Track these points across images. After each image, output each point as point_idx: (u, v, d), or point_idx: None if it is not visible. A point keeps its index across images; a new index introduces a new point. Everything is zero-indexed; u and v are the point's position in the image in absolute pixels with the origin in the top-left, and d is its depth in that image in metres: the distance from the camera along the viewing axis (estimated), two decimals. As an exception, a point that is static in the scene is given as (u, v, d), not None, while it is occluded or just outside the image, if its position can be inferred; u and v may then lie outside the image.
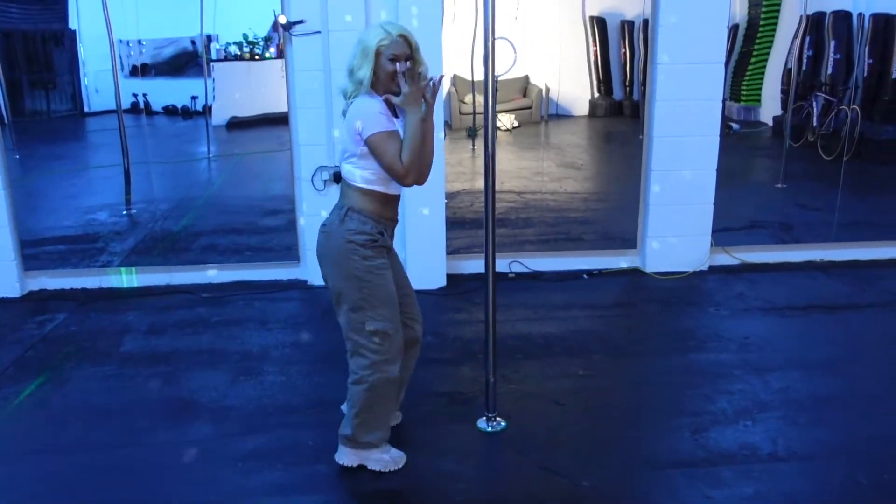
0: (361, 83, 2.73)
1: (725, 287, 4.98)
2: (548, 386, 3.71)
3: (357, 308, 2.82)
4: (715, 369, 3.86)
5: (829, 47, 9.19)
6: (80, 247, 5.94)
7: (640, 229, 5.32)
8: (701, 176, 5.09)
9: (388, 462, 3.03)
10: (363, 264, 2.79)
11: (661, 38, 4.89)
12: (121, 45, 8.76)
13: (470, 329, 4.35)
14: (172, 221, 6.61)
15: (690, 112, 4.98)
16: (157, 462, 3.15)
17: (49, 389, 3.78)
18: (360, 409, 2.93)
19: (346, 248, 2.77)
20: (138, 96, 8.70)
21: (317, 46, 4.70)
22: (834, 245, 5.53)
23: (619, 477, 3.02)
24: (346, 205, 2.81)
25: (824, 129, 8.77)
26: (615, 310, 4.80)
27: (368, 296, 2.81)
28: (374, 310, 2.82)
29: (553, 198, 7.34)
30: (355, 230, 2.78)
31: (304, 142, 4.83)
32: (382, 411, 2.99)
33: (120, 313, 4.70)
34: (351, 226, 2.78)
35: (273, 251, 5.73)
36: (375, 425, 2.98)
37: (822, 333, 4.35)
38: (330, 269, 2.86)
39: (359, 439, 2.98)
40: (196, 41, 9.20)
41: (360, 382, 2.89)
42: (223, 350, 4.17)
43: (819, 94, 9.17)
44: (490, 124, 3.09)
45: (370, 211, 2.81)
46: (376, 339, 2.84)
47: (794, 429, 3.31)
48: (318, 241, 2.88)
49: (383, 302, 2.84)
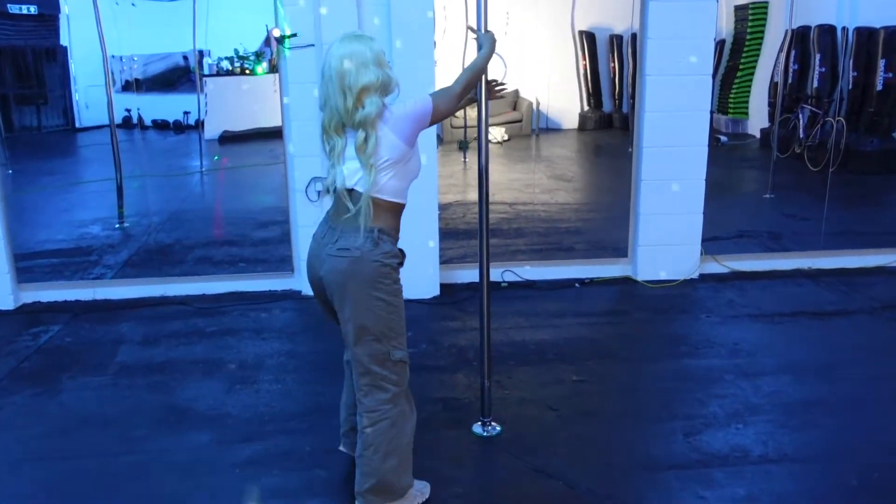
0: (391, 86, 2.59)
1: (716, 294, 5.05)
2: (542, 391, 3.75)
3: (383, 337, 2.62)
4: (706, 374, 3.90)
5: (815, 60, 9.34)
6: (73, 260, 5.95)
7: (630, 239, 5.38)
8: (690, 186, 5.16)
9: (422, 495, 2.88)
10: (393, 288, 2.62)
11: (649, 51, 4.98)
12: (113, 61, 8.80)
13: (464, 337, 4.39)
14: (165, 234, 6.63)
15: (679, 123, 5.06)
16: (155, 470, 3.16)
17: (44, 400, 3.79)
18: (390, 448, 2.69)
19: (380, 273, 2.58)
20: (131, 111, 8.74)
21: (311, 59, 4.76)
22: (821, 253, 5.60)
23: (613, 479, 3.05)
24: (376, 226, 2.58)
25: (810, 141, 8.90)
26: (607, 317, 4.85)
27: (396, 323, 2.64)
28: (397, 338, 2.66)
29: (544, 209, 7.41)
30: (389, 253, 2.60)
31: (298, 153, 4.88)
32: (408, 446, 2.77)
33: (114, 325, 4.72)
34: (385, 248, 2.59)
35: (267, 262, 5.76)
36: (407, 463, 2.78)
37: (811, 339, 4.41)
38: (353, 297, 2.58)
39: (397, 484, 2.74)
40: (188, 56, 9.26)
41: (381, 420, 2.67)
42: (218, 359, 4.18)
43: (805, 106, 9.31)
44: (483, 135, 3.15)
45: (392, 229, 2.66)
46: (398, 368, 2.68)
47: (785, 431, 3.35)
48: (339, 267, 2.58)
49: (402, 331, 2.69)
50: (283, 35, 4.75)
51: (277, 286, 5.25)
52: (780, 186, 7.69)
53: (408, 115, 2.58)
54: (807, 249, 5.72)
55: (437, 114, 2.65)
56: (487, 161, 3.18)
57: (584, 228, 6.87)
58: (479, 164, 3.18)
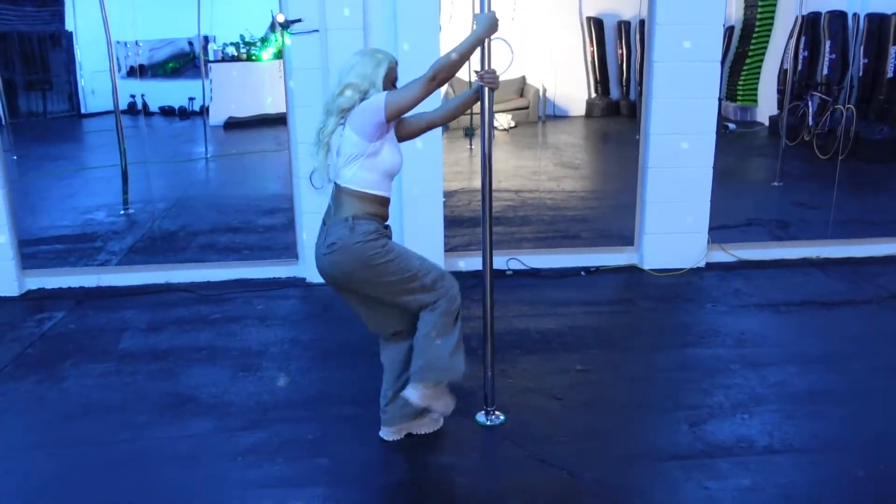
0: (375, 83, 2.84)
1: (722, 284, 5.01)
2: (546, 380, 3.73)
3: (407, 284, 2.89)
4: (712, 364, 3.88)
5: (825, 47, 9.24)
6: (78, 246, 5.94)
7: (637, 227, 5.34)
8: (698, 174, 5.12)
9: (447, 407, 3.13)
10: (384, 251, 2.86)
11: (657, 38, 4.92)
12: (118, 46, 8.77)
13: (468, 325, 4.31)
14: (170, 221, 6.62)
15: (687, 110, 5.01)
16: (157, 457, 3.16)
17: (48, 386, 3.79)
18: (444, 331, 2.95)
19: (363, 249, 2.82)
20: (136, 97, 8.72)
21: (315, 45, 4.72)
22: (830, 242, 5.55)
23: (617, 469, 3.03)
24: (349, 214, 2.85)
25: (820, 129, 8.81)
26: (613, 306, 4.82)
27: (405, 266, 2.89)
28: (418, 272, 2.90)
29: (550, 196, 7.37)
30: (364, 231, 2.84)
31: (303, 140, 4.85)
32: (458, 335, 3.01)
33: (118, 311, 4.71)
34: (361, 229, 2.83)
35: (271, 249, 5.75)
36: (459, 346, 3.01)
37: (818, 329, 4.37)
38: (362, 279, 2.89)
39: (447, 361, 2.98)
40: (193, 42, 9.23)
41: (433, 310, 2.93)
42: (222, 347, 4.18)
43: (815, 93, 9.21)
44: (487, 123, 3.11)
45: (371, 213, 2.88)
46: (437, 285, 2.93)
47: (791, 422, 3.33)
48: (335, 261, 2.87)
49: (415, 258, 2.94)
50: (287, 20, 4.71)
51: (282, 273, 5.23)
52: (788, 174, 7.62)
53: (361, 110, 2.80)
54: (815, 238, 5.68)
55: (394, 106, 2.77)
56: (491, 149, 3.15)
57: (591, 216, 6.83)
58: (482, 153, 3.15)
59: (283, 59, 4.88)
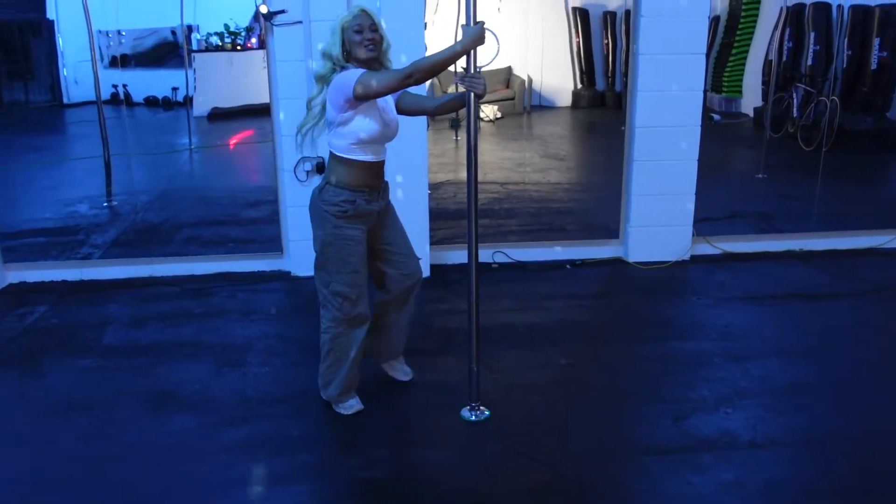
0: (333, 57, 3.02)
1: (707, 276, 5.03)
2: (531, 375, 3.73)
3: (321, 266, 3.18)
4: (696, 357, 3.89)
5: (809, 39, 9.27)
6: (60, 239, 5.88)
7: (622, 219, 5.35)
8: (683, 166, 5.12)
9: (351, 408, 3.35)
10: (333, 232, 3.09)
11: (642, 29, 4.91)
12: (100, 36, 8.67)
13: (453, 319, 4.36)
14: (154, 213, 6.57)
15: (672, 102, 5.01)
16: (140, 453, 3.13)
17: (29, 382, 3.76)
18: (323, 356, 3.29)
19: (321, 214, 3.10)
20: (118, 87, 8.63)
21: (298, 36, 4.68)
22: (813, 235, 5.58)
23: (601, 464, 3.04)
24: (326, 176, 3.13)
25: (804, 120, 8.86)
26: (598, 299, 4.83)
27: (332, 259, 3.13)
28: (337, 274, 3.14)
29: (536, 188, 7.37)
30: (328, 201, 3.08)
31: (287, 132, 4.81)
32: (340, 367, 3.26)
33: (101, 306, 4.67)
34: (325, 197, 3.09)
35: (256, 242, 5.71)
36: (331, 378, 3.30)
37: (801, 322, 4.40)
38: (313, 228, 3.19)
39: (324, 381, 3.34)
40: (177, 31, 9.13)
41: (326, 332, 3.26)
42: (206, 342, 4.15)
43: (799, 85, 9.25)
44: (472, 115, 3.10)
45: (347, 182, 3.08)
46: (339, 299, 3.16)
47: (774, 416, 3.35)
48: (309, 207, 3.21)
49: (342, 269, 3.13)
50: (270, 11, 4.66)
51: (266, 267, 5.20)
52: (772, 166, 7.66)
53: (335, 83, 2.99)
54: (799, 230, 5.70)
55: (366, 88, 2.89)
56: (476, 144, 3.13)
57: (576, 209, 6.83)
58: (468, 147, 3.13)
59: (267, 50, 4.83)
